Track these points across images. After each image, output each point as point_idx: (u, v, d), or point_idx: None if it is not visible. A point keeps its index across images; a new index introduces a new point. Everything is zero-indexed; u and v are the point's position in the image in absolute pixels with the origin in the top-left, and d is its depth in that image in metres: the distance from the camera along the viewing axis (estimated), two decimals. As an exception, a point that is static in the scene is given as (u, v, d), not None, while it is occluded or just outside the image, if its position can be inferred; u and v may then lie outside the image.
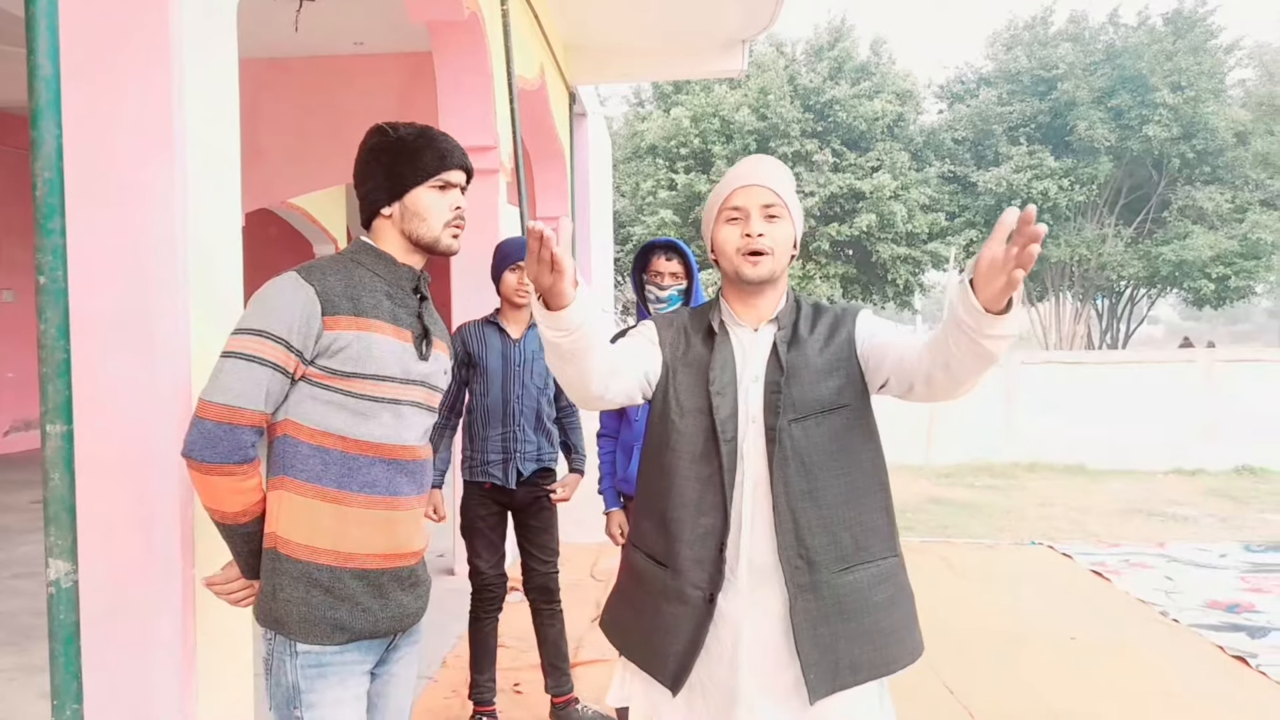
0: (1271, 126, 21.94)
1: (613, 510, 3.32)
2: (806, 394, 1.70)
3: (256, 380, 1.61)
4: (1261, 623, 4.84)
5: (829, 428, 1.70)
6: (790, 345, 1.75)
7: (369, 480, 1.70)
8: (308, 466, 1.67)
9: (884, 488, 1.77)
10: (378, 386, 1.70)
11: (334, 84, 7.83)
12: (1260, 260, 21.47)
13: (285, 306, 1.64)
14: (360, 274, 1.75)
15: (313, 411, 1.68)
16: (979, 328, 1.41)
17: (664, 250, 3.11)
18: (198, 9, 1.94)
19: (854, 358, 1.74)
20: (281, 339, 1.63)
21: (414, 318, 1.81)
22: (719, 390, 1.73)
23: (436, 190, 1.79)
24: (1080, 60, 22.30)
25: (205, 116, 1.99)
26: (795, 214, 1.78)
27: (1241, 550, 6.60)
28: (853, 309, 1.84)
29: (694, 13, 7.47)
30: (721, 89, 22.81)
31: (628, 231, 23.54)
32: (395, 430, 1.73)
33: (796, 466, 1.67)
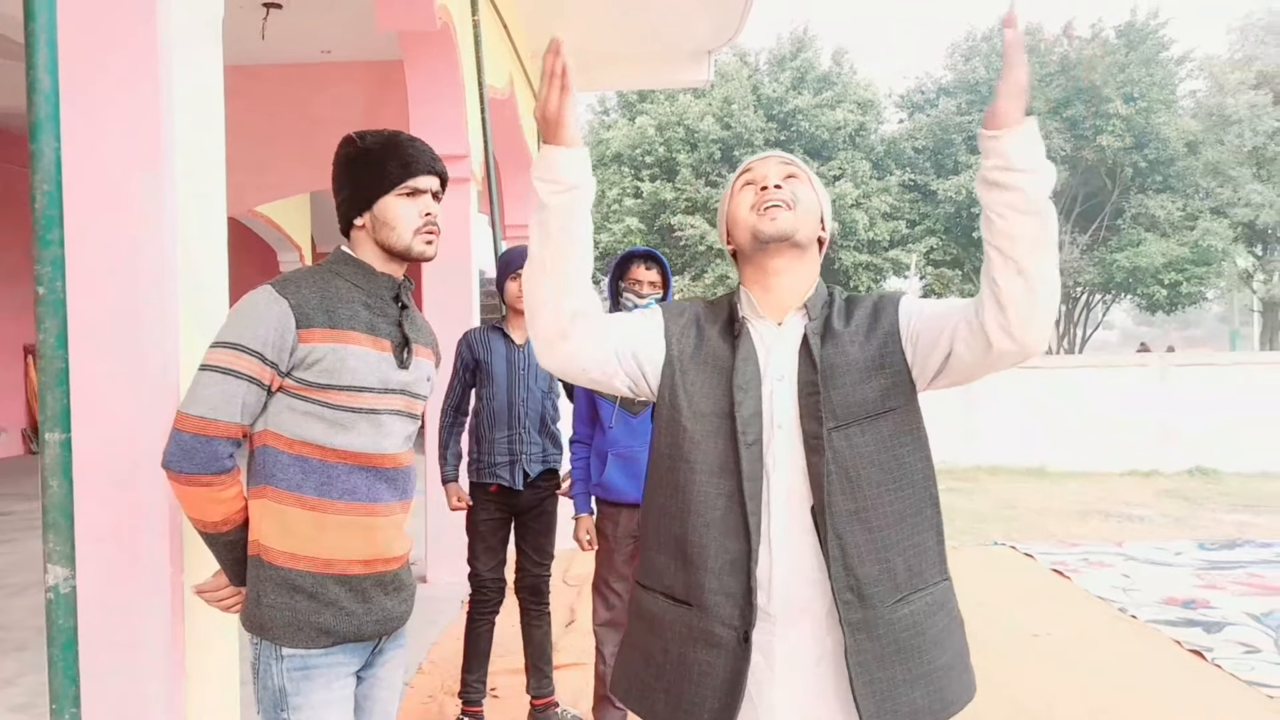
0: (1221, 136, 22.54)
1: (582, 515, 3.37)
2: (849, 397, 1.48)
3: (231, 393, 1.63)
4: (1216, 618, 4.99)
5: (876, 436, 1.47)
6: (824, 339, 1.52)
7: (348, 488, 1.71)
8: (287, 476, 1.69)
9: (935, 502, 1.54)
10: (354, 397, 1.70)
11: (302, 92, 7.81)
12: (1210, 267, 22.02)
13: (260, 320, 1.65)
14: (338, 285, 1.75)
15: (291, 422, 1.69)
16: (1002, 159, 1.33)
17: (643, 259, 3.19)
18: (185, 21, 1.97)
19: (900, 352, 1.50)
20: (256, 352, 1.64)
21: (393, 326, 1.80)
22: (742, 385, 1.51)
23: (404, 198, 1.77)
24: (1036, 71, 22.76)
25: (193, 127, 2.02)
26: (819, 188, 1.61)
27: (1196, 549, 6.80)
28: (892, 295, 1.59)
29: (661, 24, 7.56)
30: (686, 98, 22.97)
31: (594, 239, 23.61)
32: (374, 439, 1.74)
33: (842, 483, 1.45)
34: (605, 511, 3.31)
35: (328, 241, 13.49)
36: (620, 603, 3.28)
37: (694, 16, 7.36)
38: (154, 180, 1.90)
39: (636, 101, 23.96)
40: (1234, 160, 22.48)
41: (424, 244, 1.80)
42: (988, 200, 1.35)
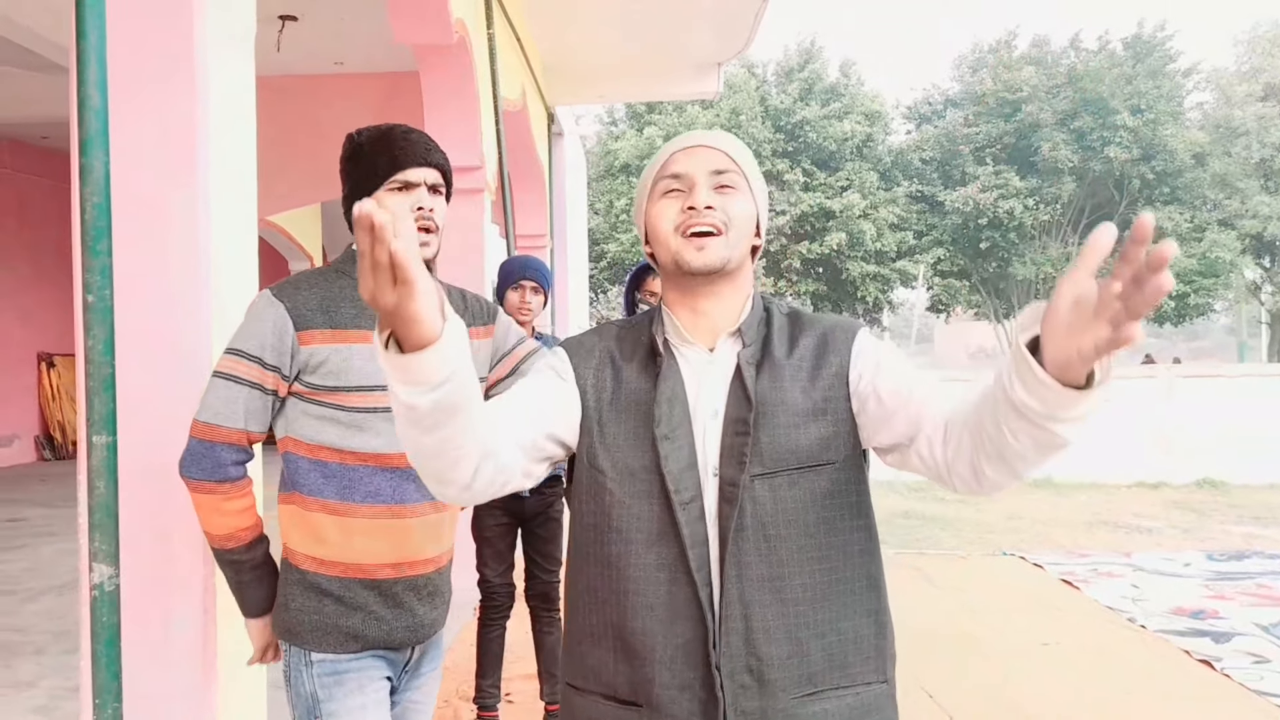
0: (1228, 148, 22.55)
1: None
2: (779, 441, 1.24)
3: (233, 398, 1.63)
4: (1225, 628, 5.01)
5: (805, 491, 1.23)
6: (760, 368, 1.28)
7: (372, 490, 1.68)
8: (309, 481, 1.67)
9: (875, 585, 1.29)
10: (366, 397, 1.65)
11: (313, 103, 7.90)
12: (1218, 279, 22.00)
13: (258, 324, 1.64)
14: (342, 285, 1.71)
15: (307, 427, 1.67)
16: (1049, 410, 0.99)
17: (657, 272, 3.24)
18: (221, 38, 2.04)
19: (845, 400, 1.27)
20: (254, 357, 1.63)
21: None
22: (667, 433, 1.25)
23: (395, 193, 1.69)
24: (1043, 83, 22.82)
25: (226, 141, 2.08)
26: (757, 188, 1.33)
27: (1205, 559, 6.81)
28: (845, 326, 1.33)
29: (670, 37, 7.63)
30: (694, 109, 23.08)
31: (601, 249, 23.69)
32: (393, 439, 1.66)
33: (757, 540, 1.21)
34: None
35: (338, 251, 13.60)
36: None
37: (703, 30, 7.43)
38: (189, 192, 1.96)
39: (645, 112, 24.07)
40: (1241, 172, 22.48)
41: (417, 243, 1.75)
42: (1009, 423, 1.04)
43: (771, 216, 21.73)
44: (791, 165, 23.17)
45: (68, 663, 4.38)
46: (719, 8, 6.80)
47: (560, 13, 6.86)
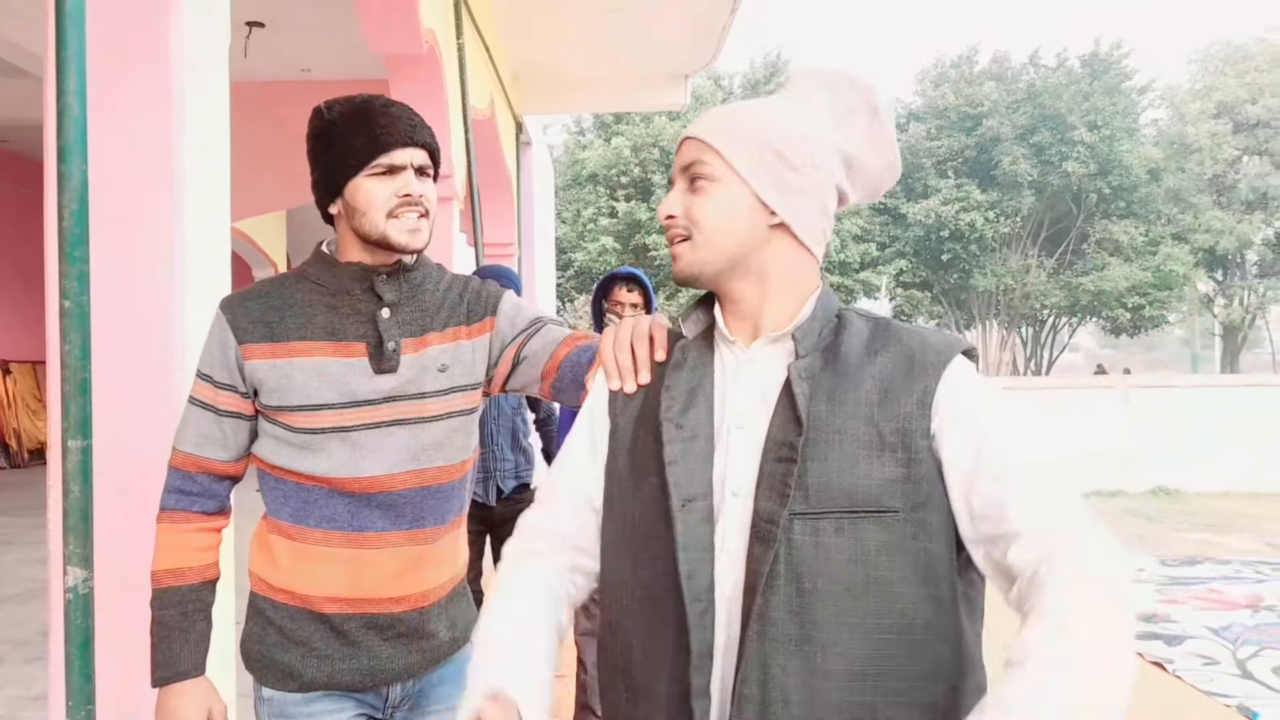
0: (1182, 164, 23.12)
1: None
2: (831, 475, 1.02)
3: (185, 419, 1.53)
4: (1176, 631, 5.15)
5: (853, 541, 1.01)
6: (818, 385, 1.07)
7: (328, 514, 1.49)
8: (270, 499, 1.54)
9: (943, 672, 1.02)
10: (312, 417, 1.46)
11: (280, 109, 7.86)
12: (1172, 291, 22.53)
13: (209, 340, 1.52)
14: (297, 290, 1.52)
15: (265, 446, 1.53)
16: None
17: (625, 281, 3.28)
18: (197, 47, 2.06)
19: (927, 433, 1.04)
20: (206, 375, 1.51)
21: (367, 325, 1.50)
22: (678, 421, 1.11)
23: (377, 178, 1.46)
24: (1004, 98, 23.25)
25: (201, 149, 2.10)
26: (746, 160, 1.11)
27: (1157, 565, 6.97)
28: (939, 346, 1.08)
29: (639, 49, 7.71)
30: (661, 120, 23.21)
31: (569, 258, 23.72)
32: (350, 461, 1.47)
33: (788, 592, 1.00)
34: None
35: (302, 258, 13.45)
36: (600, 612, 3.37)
37: (672, 41, 7.52)
38: (165, 199, 1.98)
39: (612, 123, 24.17)
40: (1195, 187, 23.06)
41: (403, 231, 1.46)
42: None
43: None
44: (757, 176, 23.41)
45: (28, 672, 4.32)
46: (687, 21, 6.89)
47: (529, 24, 6.91)
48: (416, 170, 1.48)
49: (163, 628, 1.49)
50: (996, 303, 24.38)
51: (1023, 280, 23.50)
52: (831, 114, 1.16)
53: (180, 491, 1.51)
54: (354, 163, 1.46)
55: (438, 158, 1.55)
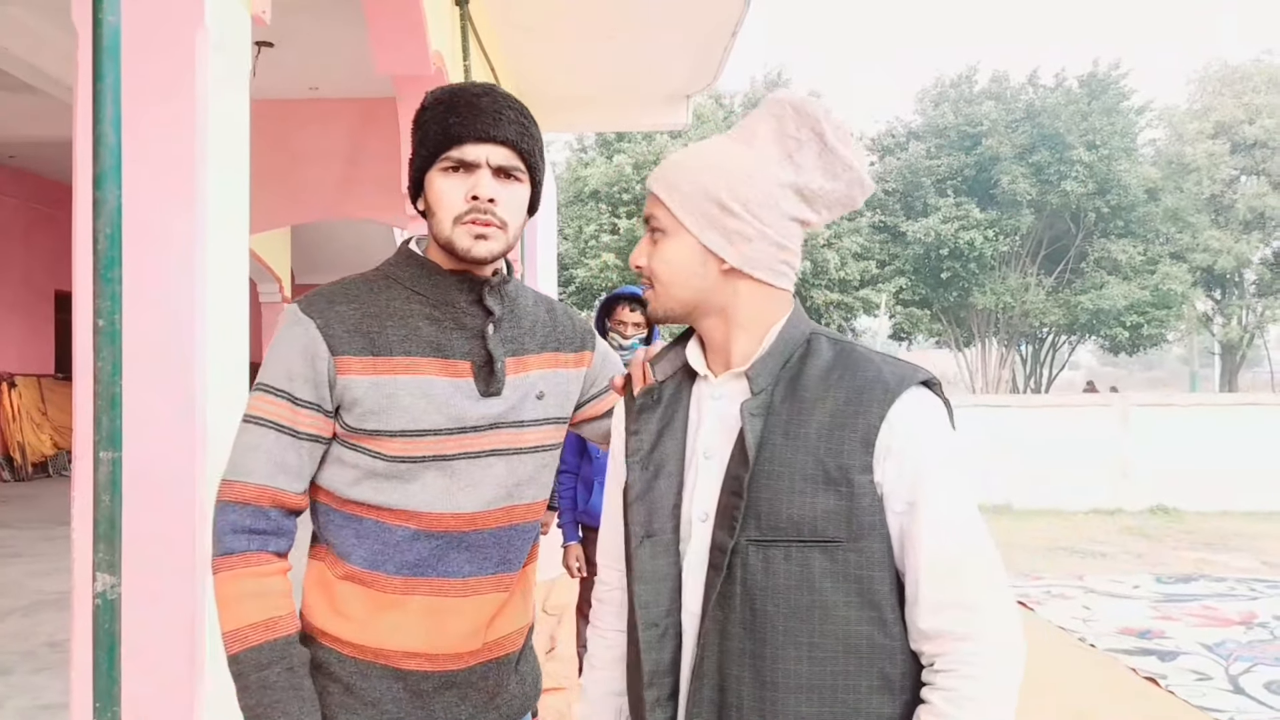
0: (1180, 184, 23.24)
1: (571, 543, 3.52)
2: (779, 507, 1.10)
3: (250, 445, 1.31)
4: (1170, 647, 5.21)
5: (800, 567, 1.09)
6: (771, 419, 1.13)
7: (411, 559, 1.32)
8: (339, 539, 1.35)
9: (889, 687, 1.11)
10: (411, 444, 1.31)
11: (287, 127, 7.97)
12: (1171, 310, 22.59)
13: (285, 349, 1.32)
14: (392, 295, 1.37)
15: (339, 475, 1.34)
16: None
17: (627, 301, 3.37)
18: (220, 75, 2.16)
19: (869, 468, 1.10)
20: (283, 391, 1.31)
21: (474, 341, 1.36)
22: (644, 461, 1.20)
23: (448, 173, 1.33)
24: (1003, 118, 23.39)
25: (223, 172, 2.19)
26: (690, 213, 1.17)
27: (1153, 582, 7.03)
28: (895, 382, 1.13)
29: (641, 70, 7.83)
30: (663, 138, 23.38)
31: (570, 274, 23.83)
32: (446, 494, 1.33)
33: (744, 611, 1.10)
34: (589, 538, 3.47)
35: (306, 274, 13.59)
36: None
37: (673, 63, 7.63)
38: (188, 219, 2.07)
39: (614, 141, 24.33)
40: (1192, 207, 23.17)
41: (468, 237, 1.32)
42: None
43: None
44: (758, 194, 23.55)
45: (36, 682, 4.38)
46: (688, 43, 7.00)
47: (533, 46, 7.03)
48: (495, 170, 1.33)
49: (270, 691, 1.26)
50: (996, 320, 24.45)
51: (1022, 298, 23.58)
52: (779, 148, 1.21)
53: (251, 532, 1.29)
54: (425, 154, 1.35)
55: (531, 159, 1.37)
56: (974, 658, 1.08)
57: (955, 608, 1.08)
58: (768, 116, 1.22)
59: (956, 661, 1.08)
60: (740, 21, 6.38)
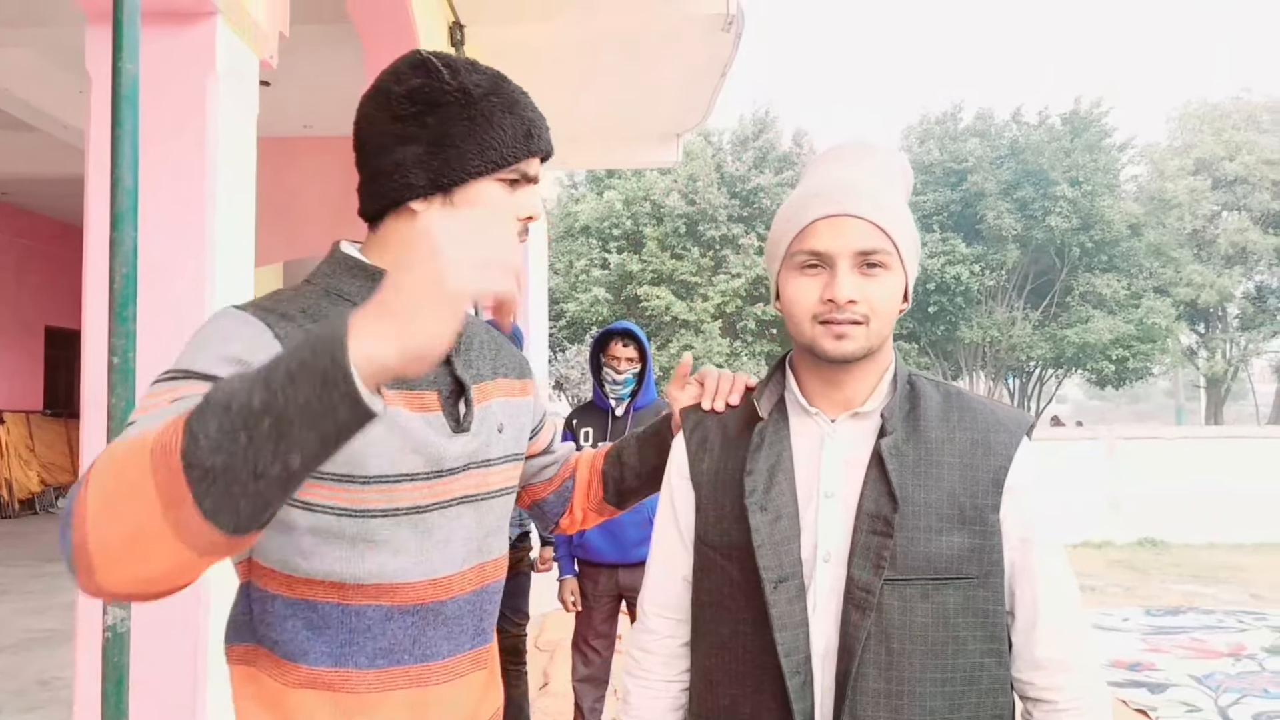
0: (1162, 219, 23.58)
1: (566, 578, 3.55)
2: (918, 546, 1.12)
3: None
4: (1160, 679, 5.24)
5: (937, 605, 1.12)
6: (903, 460, 1.15)
7: (384, 646, 1.08)
8: (286, 635, 1.06)
9: (1003, 717, 1.16)
10: (392, 493, 1.07)
11: (280, 164, 8.04)
12: (1155, 343, 22.81)
13: (219, 342, 1.01)
14: (337, 310, 1.09)
15: (289, 548, 1.05)
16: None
17: (621, 336, 3.42)
18: (230, 124, 2.23)
19: (997, 508, 1.15)
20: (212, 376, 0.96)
21: (438, 367, 1.14)
22: (763, 504, 1.16)
23: (507, 186, 1.12)
24: (987, 154, 23.74)
25: (230, 213, 2.25)
26: (908, 251, 1.19)
27: (1143, 615, 7.06)
28: (1011, 423, 1.20)
29: (634, 110, 7.96)
30: (652, 174, 23.61)
31: (561, 308, 23.92)
32: (420, 556, 1.09)
33: (879, 654, 1.11)
34: (585, 571, 3.49)
35: (298, 308, 13.61)
36: (599, 659, 3.44)
37: (665, 103, 7.77)
38: (197, 256, 2.12)
39: (604, 177, 24.56)
40: (1175, 242, 23.49)
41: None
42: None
43: (727, 279, 22.21)
44: (746, 230, 23.73)
45: (27, 720, 4.35)
46: (679, 83, 7.13)
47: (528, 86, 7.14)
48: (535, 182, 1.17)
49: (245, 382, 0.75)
50: (983, 354, 24.63)
51: (1008, 332, 23.78)
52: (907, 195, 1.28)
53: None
54: (494, 157, 1.09)
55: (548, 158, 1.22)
56: (1085, 691, 1.17)
57: (1068, 636, 1.18)
58: (900, 169, 1.26)
59: (1074, 697, 1.17)
60: (730, 62, 6.52)
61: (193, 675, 2.06)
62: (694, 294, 22.89)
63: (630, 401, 3.42)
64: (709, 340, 22.04)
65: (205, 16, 2.17)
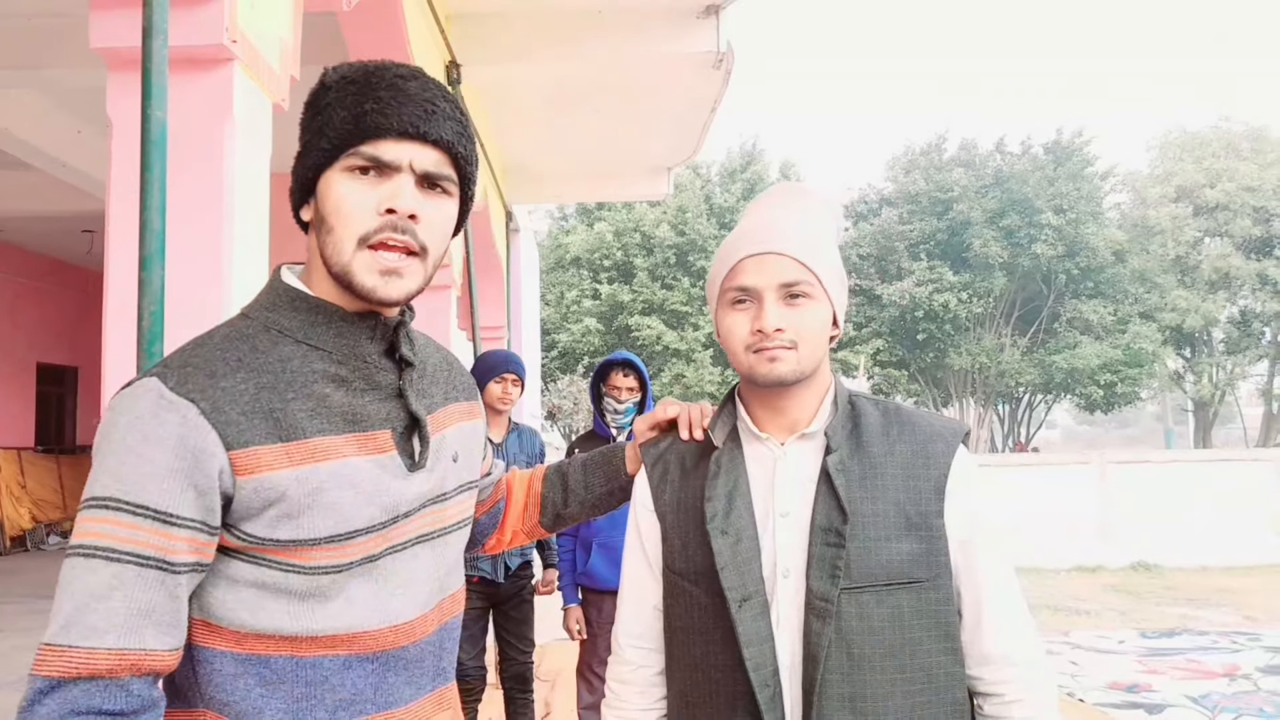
0: (1146, 246, 23.86)
1: (571, 606, 3.58)
2: (869, 554, 1.19)
3: (95, 591, 0.91)
4: (1157, 700, 5.29)
5: (891, 609, 1.19)
6: (849, 475, 1.23)
7: (344, 698, 1.02)
8: (237, 695, 0.99)
9: (961, 712, 1.22)
10: (342, 550, 1.00)
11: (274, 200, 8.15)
12: (1143, 368, 23.00)
13: (141, 448, 0.93)
14: (282, 354, 1.03)
15: (233, 604, 0.99)
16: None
17: (621, 367, 3.49)
18: (245, 158, 2.30)
19: (940, 513, 1.23)
20: (144, 508, 0.92)
21: (390, 402, 1.08)
22: (724, 528, 1.23)
23: (355, 175, 1.02)
24: (972, 184, 24.03)
25: (246, 254, 2.32)
26: (831, 283, 1.27)
27: (1138, 637, 7.11)
28: (946, 432, 1.28)
29: (624, 144, 8.09)
30: (642, 206, 23.81)
31: (553, 338, 23.99)
32: (378, 603, 1.04)
33: (841, 660, 1.17)
34: (589, 599, 3.53)
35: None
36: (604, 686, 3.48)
37: (656, 138, 7.89)
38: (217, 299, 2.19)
39: (595, 209, 24.76)
40: (1159, 268, 23.76)
41: (373, 273, 1.02)
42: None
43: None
44: (736, 260, 23.94)
45: (28, 758, 4.33)
46: (670, 118, 7.26)
47: (522, 122, 7.27)
48: (420, 178, 1.03)
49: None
50: (972, 381, 24.78)
51: (997, 358, 23.95)
52: (835, 235, 1.37)
53: (100, 713, 0.89)
54: (326, 147, 1.02)
55: (467, 167, 1.09)
56: (1031, 683, 1.23)
57: (1012, 631, 1.24)
58: (826, 208, 1.38)
59: (1022, 689, 1.22)
60: (720, 98, 6.64)
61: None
62: (684, 323, 23.01)
63: (630, 429, 3.48)
64: (700, 369, 22.13)
65: (223, 63, 2.25)
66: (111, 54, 2.20)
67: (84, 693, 0.90)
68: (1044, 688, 1.25)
